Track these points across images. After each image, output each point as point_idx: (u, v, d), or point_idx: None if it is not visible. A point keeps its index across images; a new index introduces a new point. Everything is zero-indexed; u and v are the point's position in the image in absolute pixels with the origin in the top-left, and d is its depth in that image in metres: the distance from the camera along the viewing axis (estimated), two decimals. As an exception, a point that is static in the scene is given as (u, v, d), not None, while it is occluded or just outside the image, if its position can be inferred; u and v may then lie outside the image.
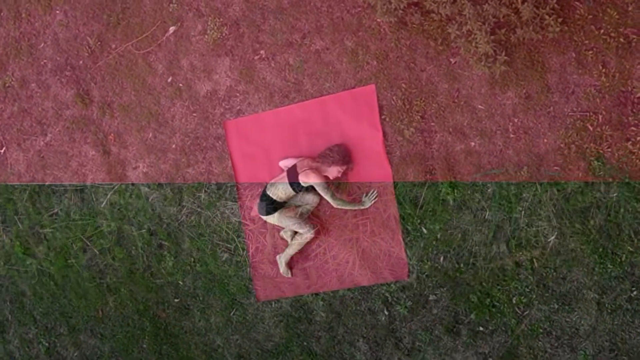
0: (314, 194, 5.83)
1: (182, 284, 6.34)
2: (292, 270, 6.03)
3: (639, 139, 5.20)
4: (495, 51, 5.04)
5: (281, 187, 5.65)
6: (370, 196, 5.74)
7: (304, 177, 5.55)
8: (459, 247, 5.63)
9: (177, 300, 6.40)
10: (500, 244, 5.54)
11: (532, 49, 5.33)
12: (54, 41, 6.54)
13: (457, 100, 5.54)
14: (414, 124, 5.63)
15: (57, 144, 6.57)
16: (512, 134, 5.44)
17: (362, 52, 5.72)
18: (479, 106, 5.50)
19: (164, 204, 6.28)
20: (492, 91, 5.46)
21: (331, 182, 5.75)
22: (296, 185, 5.59)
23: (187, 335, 6.44)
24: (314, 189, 5.77)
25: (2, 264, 6.86)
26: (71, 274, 6.64)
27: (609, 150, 5.25)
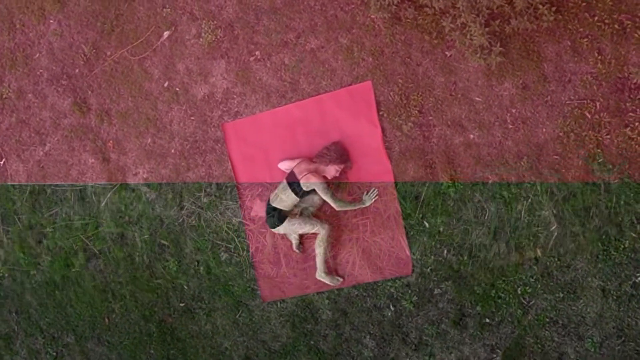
0: (316, 196, 5.82)
1: (187, 287, 6.34)
2: (331, 274, 5.88)
3: (637, 124, 5.20)
4: (490, 42, 5.04)
5: (284, 195, 5.65)
6: (370, 195, 5.74)
7: (305, 181, 5.54)
8: (462, 240, 5.63)
9: (182, 304, 6.39)
10: (502, 235, 5.54)
11: (527, 39, 5.33)
12: (49, 51, 6.53)
13: (454, 93, 5.54)
14: (412, 118, 5.63)
15: (56, 153, 6.56)
16: (511, 125, 5.44)
17: (357, 49, 5.72)
18: (476, 98, 5.49)
19: (164, 206, 6.28)
20: (489, 83, 5.45)
21: (331, 183, 5.75)
22: (296, 185, 5.59)
23: (194, 339, 6.44)
24: (315, 192, 5.76)
25: (1, 264, 6.85)
26: (72, 276, 6.63)
27: (608, 137, 5.25)
